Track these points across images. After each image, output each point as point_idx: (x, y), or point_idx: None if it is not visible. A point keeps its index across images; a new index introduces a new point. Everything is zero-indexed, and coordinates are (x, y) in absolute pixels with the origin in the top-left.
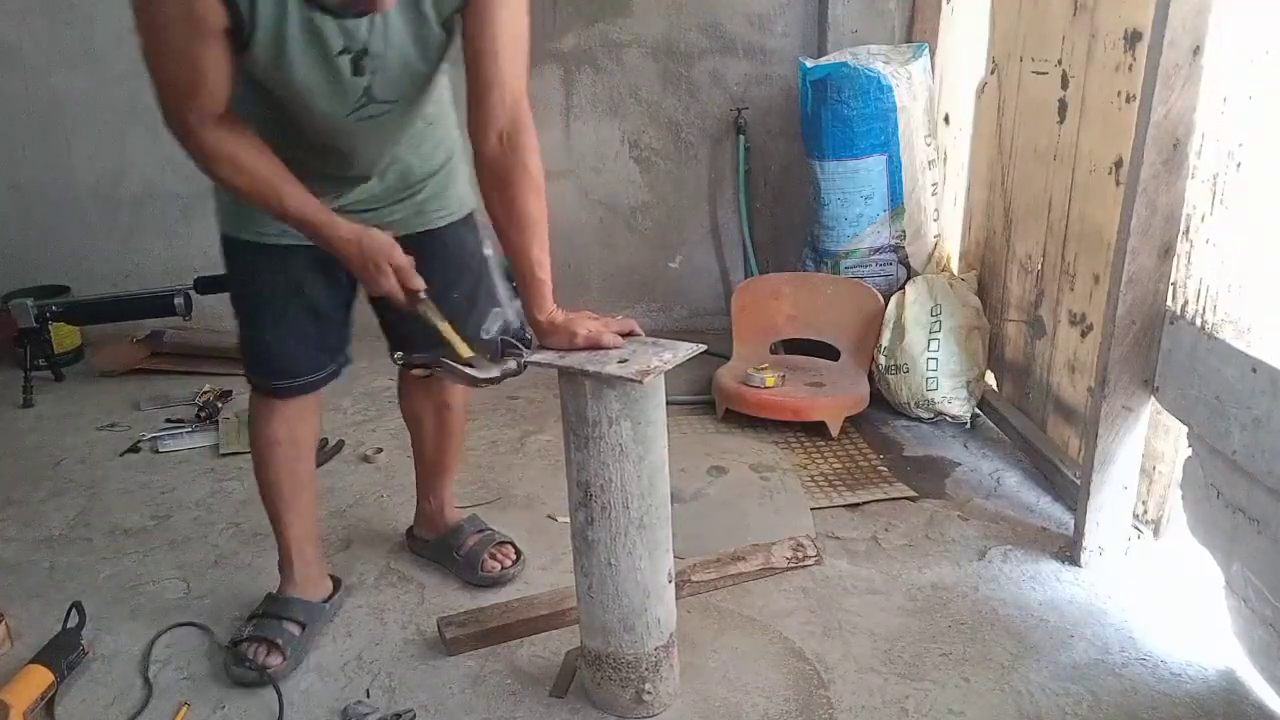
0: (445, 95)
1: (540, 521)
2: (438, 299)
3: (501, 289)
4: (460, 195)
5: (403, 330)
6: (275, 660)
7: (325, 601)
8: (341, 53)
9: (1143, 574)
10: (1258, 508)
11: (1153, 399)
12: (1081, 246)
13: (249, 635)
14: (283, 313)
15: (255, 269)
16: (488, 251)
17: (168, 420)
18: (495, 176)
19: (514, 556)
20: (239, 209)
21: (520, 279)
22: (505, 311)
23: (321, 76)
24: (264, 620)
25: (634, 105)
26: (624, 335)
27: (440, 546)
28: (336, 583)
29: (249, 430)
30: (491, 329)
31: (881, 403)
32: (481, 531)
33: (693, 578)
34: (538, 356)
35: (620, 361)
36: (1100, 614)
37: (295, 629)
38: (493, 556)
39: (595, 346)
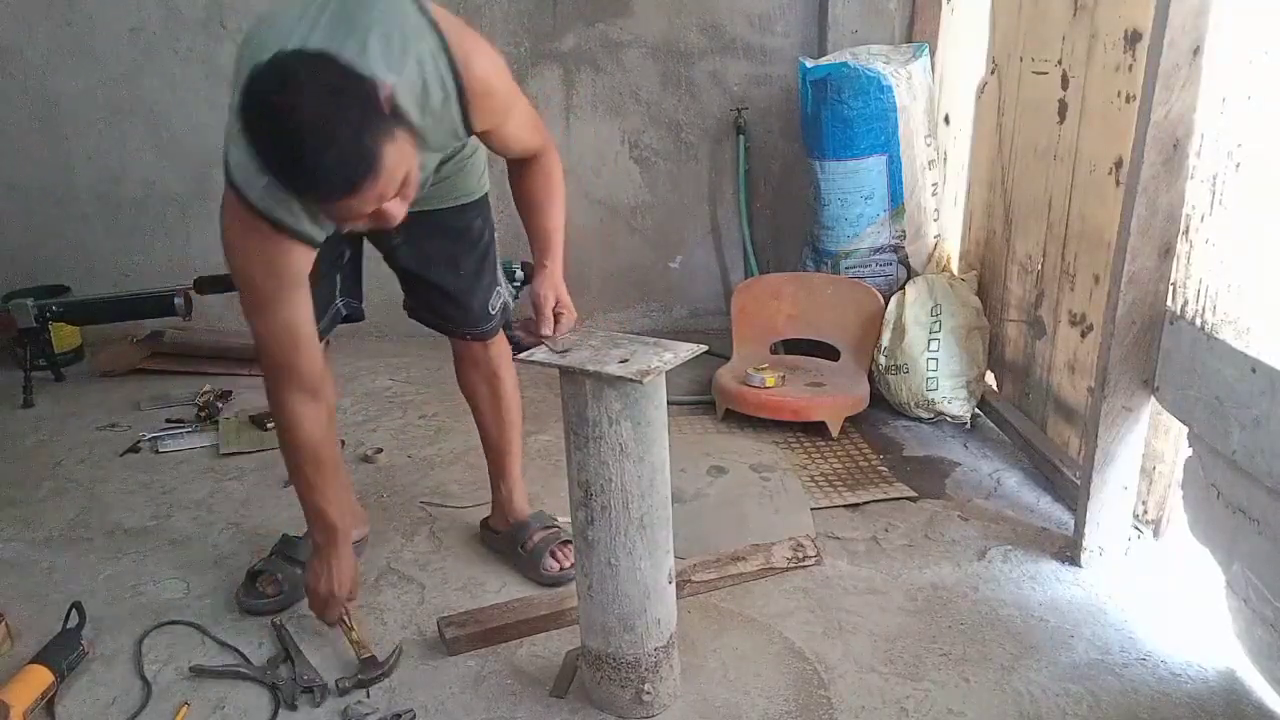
0: None
1: None
2: (445, 268)
3: (502, 275)
4: (474, 184)
5: (417, 296)
6: (273, 592)
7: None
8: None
9: (1143, 574)
10: (1258, 508)
11: (1153, 399)
12: (1081, 246)
13: (260, 569)
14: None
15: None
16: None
17: (168, 420)
18: (522, 184)
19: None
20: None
21: (533, 242)
22: (504, 292)
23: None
24: (274, 558)
25: (634, 105)
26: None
27: (508, 539)
28: (365, 538)
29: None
30: (495, 305)
31: (881, 403)
32: (548, 528)
33: (693, 578)
34: (539, 356)
35: (621, 361)
36: (1100, 614)
37: (299, 570)
38: (553, 555)
39: (538, 310)
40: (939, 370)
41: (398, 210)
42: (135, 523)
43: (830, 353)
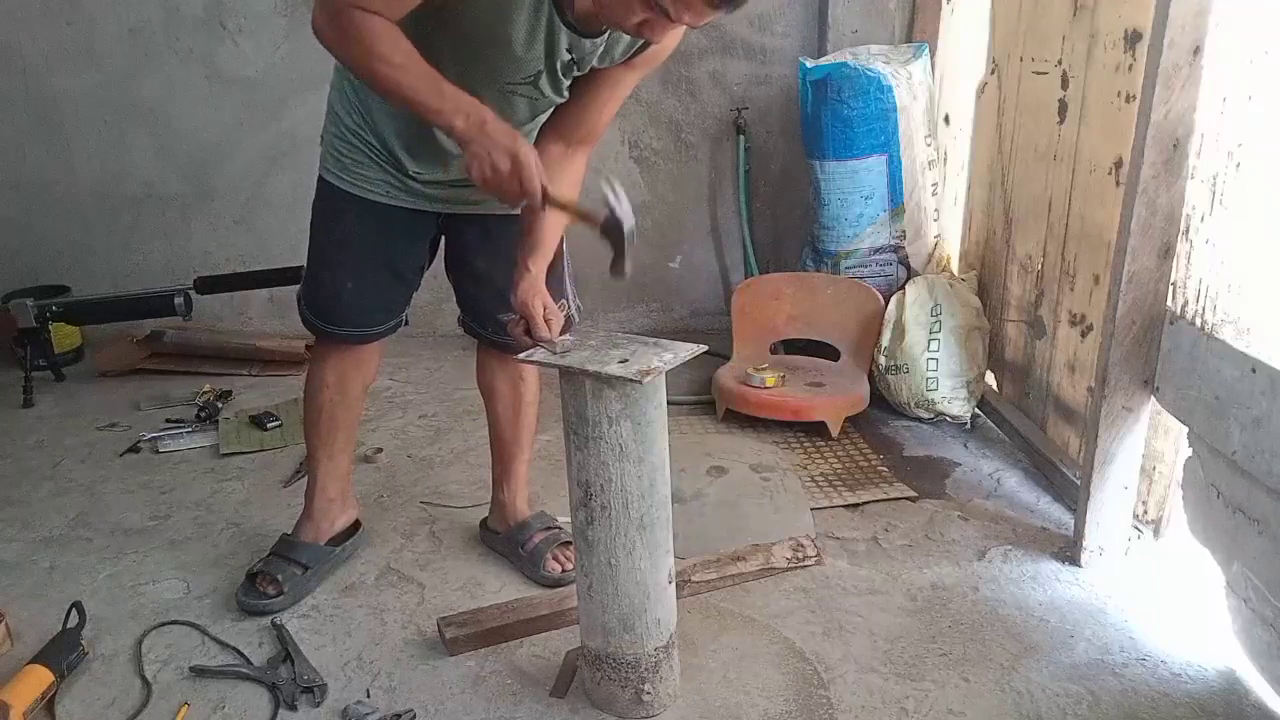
0: None
1: None
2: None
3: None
4: None
5: (478, 304)
6: (273, 592)
7: (333, 544)
8: (557, 51)
9: (1143, 574)
10: (1258, 508)
11: (1153, 399)
12: (1081, 246)
13: (259, 570)
14: (365, 265)
15: (351, 219)
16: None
17: (168, 420)
18: (553, 176)
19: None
20: (348, 161)
21: (527, 239)
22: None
23: (519, 50)
24: (272, 558)
25: (634, 105)
26: (536, 334)
27: (509, 541)
28: (356, 525)
29: (308, 366)
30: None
31: (881, 403)
32: (549, 529)
33: (693, 578)
34: (538, 356)
35: (620, 361)
36: (1100, 614)
37: (298, 570)
38: (555, 558)
39: (528, 319)
40: (939, 370)
41: (661, 32)
42: (135, 523)
43: (830, 353)
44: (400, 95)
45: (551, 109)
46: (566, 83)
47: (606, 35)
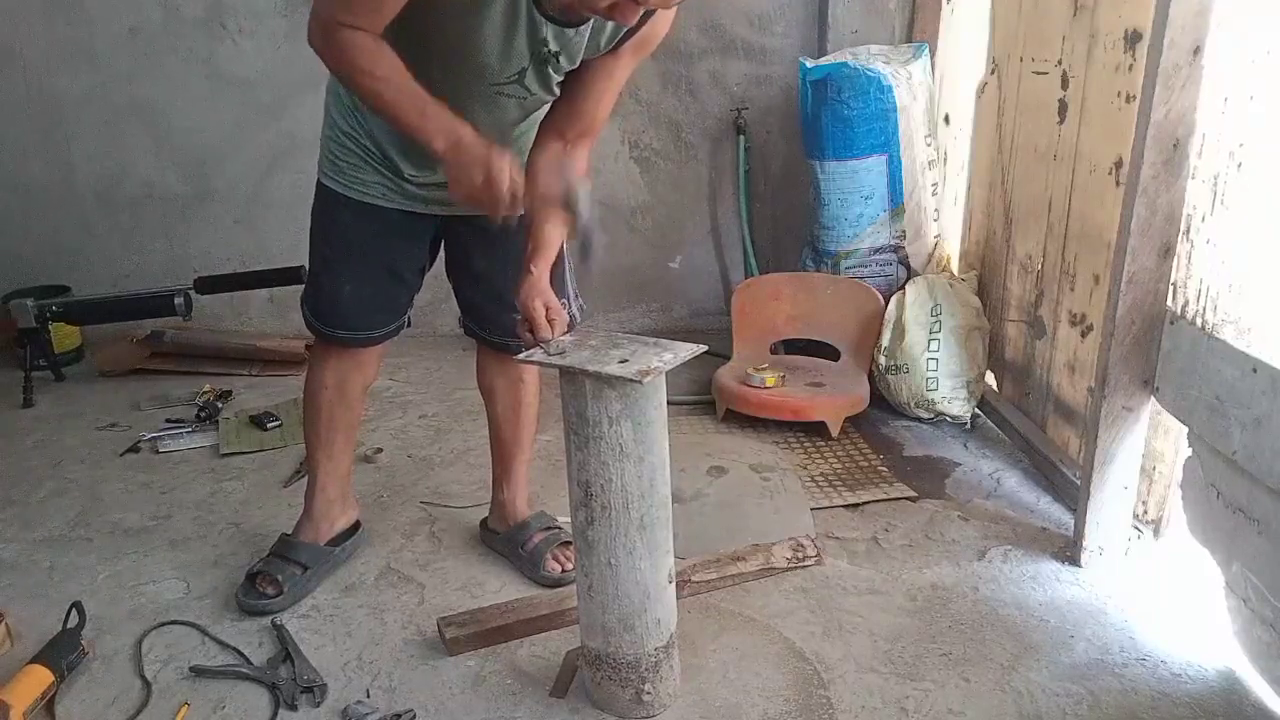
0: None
1: None
2: (510, 273)
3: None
4: None
5: (477, 304)
6: (273, 592)
7: (333, 544)
8: (541, 45)
9: (1143, 574)
10: (1258, 508)
11: (1153, 399)
12: (1081, 246)
13: (259, 570)
14: (364, 268)
15: (348, 222)
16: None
17: (168, 420)
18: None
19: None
20: (344, 165)
21: (529, 240)
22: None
23: (497, 50)
24: (272, 559)
25: (634, 105)
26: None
27: (508, 540)
28: (356, 525)
29: (308, 367)
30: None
31: (881, 403)
32: (548, 529)
33: (693, 578)
34: (537, 356)
35: (620, 361)
36: (1100, 614)
37: (298, 570)
38: (555, 558)
39: (530, 319)
40: (939, 370)
41: (631, 15)
42: (135, 523)
43: (830, 353)
44: (386, 111)
45: (545, 107)
46: (558, 78)
47: (590, 23)
